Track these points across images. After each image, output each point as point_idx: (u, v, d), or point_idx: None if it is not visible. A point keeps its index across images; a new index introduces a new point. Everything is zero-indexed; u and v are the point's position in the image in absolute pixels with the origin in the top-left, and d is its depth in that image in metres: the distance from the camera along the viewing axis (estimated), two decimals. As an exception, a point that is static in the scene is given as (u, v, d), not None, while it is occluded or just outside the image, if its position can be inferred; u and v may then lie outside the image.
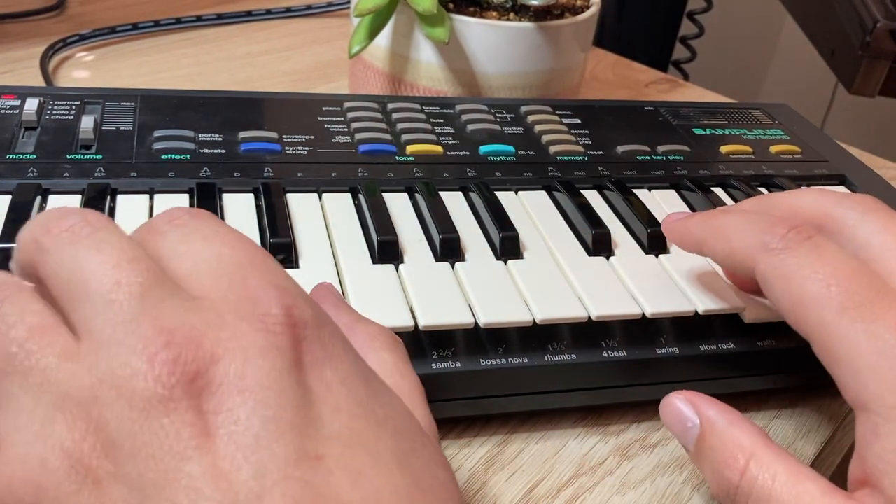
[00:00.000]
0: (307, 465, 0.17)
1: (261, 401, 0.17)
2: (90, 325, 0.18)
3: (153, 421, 0.17)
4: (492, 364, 0.29)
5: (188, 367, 0.17)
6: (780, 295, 0.25)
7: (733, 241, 0.28)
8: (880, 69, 0.51)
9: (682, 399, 0.27)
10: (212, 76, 0.57)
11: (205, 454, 0.17)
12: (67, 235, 0.20)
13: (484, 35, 0.47)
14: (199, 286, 0.20)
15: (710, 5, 0.83)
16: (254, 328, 0.18)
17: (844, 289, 0.24)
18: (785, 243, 0.26)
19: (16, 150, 0.35)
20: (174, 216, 0.21)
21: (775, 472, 0.23)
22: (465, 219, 0.35)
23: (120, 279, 0.19)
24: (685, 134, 0.45)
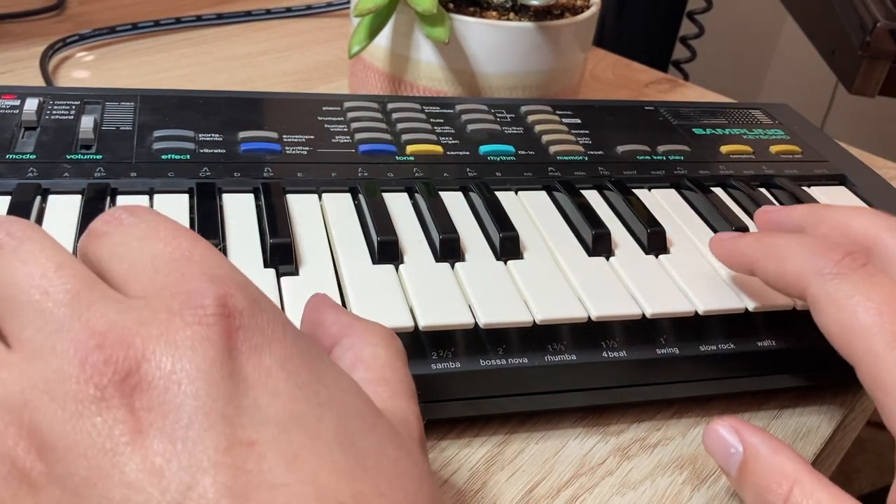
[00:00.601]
0: (238, 452, 0.17)
1: (190, 393, 0.17)
2: (21, 335, 0.18)
3: (85, 421, 0.17)
4: (492, 364, 0.29)
5: (119, 367, 0.17)
6: (830, 320, 0.26)
7: (786, 262, 0.28)
8: (880, 69, 0.51)
9: (725, 426, 0.27)
10: (212, 76, 0.57)
11: (137, 450, 0.17)
12: None
13: (484, 35, 0.47)
14: (137, 286, 0.20)
15: (710, 5, 0.83)
16: (185, 322, 0.18)
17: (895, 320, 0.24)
18: (839, 269, 0.26)
19: (16, 150, 0.35)
20: (111, 217, 0.21)
21: (819, 499, 0.24)
22: (465, 219, 0.35)
23: (47, 288, 0.19)
24: (685, 134, 0.45)
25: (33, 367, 0.18)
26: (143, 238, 0.21)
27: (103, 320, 0.18)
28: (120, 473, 0.16)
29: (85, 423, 0.17)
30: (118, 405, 0.17)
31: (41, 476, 0.17)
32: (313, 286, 0.29)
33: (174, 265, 0.20)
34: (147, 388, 0.17)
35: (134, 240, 0.21)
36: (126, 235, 0.21)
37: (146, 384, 0.17)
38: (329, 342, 0.24)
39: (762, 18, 1.45)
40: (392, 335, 0.25)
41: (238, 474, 0.17)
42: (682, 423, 0.33)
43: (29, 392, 0.17)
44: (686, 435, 0.32)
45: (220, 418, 0.17)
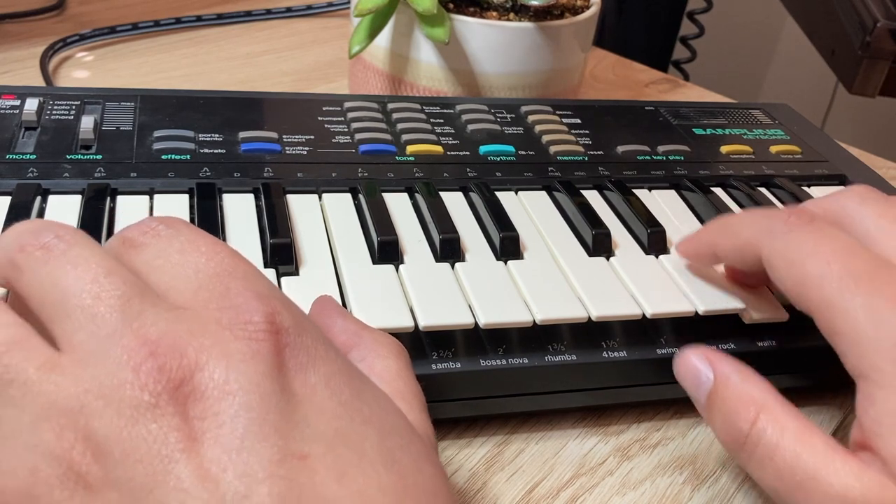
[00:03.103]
0: (291, 465, 0.17)
1: (244, 404, 0.18)
2: (72, 338, 0.19)
3: (141, 427, 0.17)
4: (492, 364, 0.29)
5: (173, 375, 0.18)
6: (784, 275, 0.27)
7: (741, 233, 0.29)
8: (880, 69, 0.51)
9: (697, 355, 0.28)
10: (212, 76, 0.57)
11: (192, 457, 0.17)
12: (41, 253, 0.20)
13: (484, 35, 0.47)
14: (179, 298, 0.20)
15: (710, 5, 0.83)
16: (236, 336, 0.19)
17: (844, 265, 0.25)
18: (788, 226, 0.27)
19: (16, 150, 0.35)
20: (148, 227, 0.22)
21: (784, 426, 0.25)
22: (465, 219, 0.35)
23: (99, 293, 0.19)
24: (685, 134, 0.45)
25: (87, 372, 0.18)
26: (184, 251, 0.21)
27: (155, 328, 0.18)
28: (176, 479, 0.17)
29: (140, 430, 0.17)
30: (172, 413, 0.17)
31: (97, 479, 0.17)
32: (313, 286, 0.29)
33: (218, 280, 0.20)
34: (201, 398, 0.18)
35: (175, 252, 0.21)
36: (166, 248, 0.21)
37: (200, 393, 0.18)
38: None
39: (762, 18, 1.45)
40: (400, 346, 0.25)
41: (292, 486, 0.17)
42: (682, 423, 0.33)
43: (84, 396, 0.18)
44: (686, 435, 0.32)
45: (273, 431, 0.18)
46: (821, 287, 0.25)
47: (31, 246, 0.20)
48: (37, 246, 0.20)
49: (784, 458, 0.24)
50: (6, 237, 0.21)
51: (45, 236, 0.20)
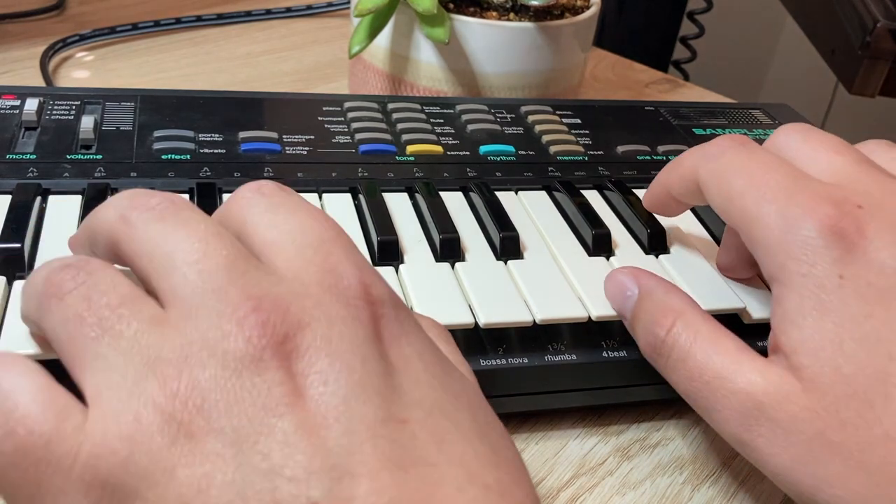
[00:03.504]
0: (394, 427, 0.18)
1: (347, 365, 0.18)
2: (178, 292, 0.19)
3: (245, 380, 0.18)
4: (492, 364, 0.29)
5: (277, 330, 0.18)
6: (714, 194, 0.28)
7: (682, 163, 0.30)
8: (880, 69, 0.51)
9: (624, 272, 0.30)
10: (212, 76, 0.57)
11: (297, 411, 0.17)
12: (152, 213, 0.21)
13: (484, 35, 0.47)
14: (283, 255, 0.21)
15: (710, 5, 0.83)
16: (337, 300, 0.19)
17: (765, 179, 0.26)
18: (721, 149, 0.28)
19: (16, 150, 0.35)
20: (261, 186, 0.23)
21: (698, 330, 0.26)
22: (465, 219, 0.35)
23: (206, 250, 0.20)
24: (685, 134, 0.45)
25: (191, 325, 0.18)
26: (294, 212, 0.22)
27: (257, 287, 0.19)
28: (282, 433, 0.17)
29: (245, 382, 0.18)
30: (276, 367, 0.18)
31: (200, 429, 0.17)
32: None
33: (322, 244, 0.21)
34: (304, 354, 0.18)
35: (285, 211, 0.22)
36: (276, 206, 0.22)
37: (303, 350, 0.18)
38: None
39: (762, 18, 1.45)
40: (444, 329, 0.26)
41: (395, 447, 0.18)
42: (682, 423, 0.33)
43: (188, 348, 0.18)
44: (686, 435, 0.32)
45: (375, 393, 0.18)
46: (743, 199, 0.26)
47: (143, 206, 0.21)
48: (148, 206, 0.21)
49: (696, 359, 0.26)
50: (118, 198, 0.22)
51: (156, 199, 0.21)
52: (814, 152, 0.28)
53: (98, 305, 0.19)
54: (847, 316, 0.23)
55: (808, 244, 0.24)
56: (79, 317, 0.19)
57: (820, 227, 0.24)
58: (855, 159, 0.27)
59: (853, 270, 0.24)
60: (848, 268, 0.24)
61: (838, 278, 0.24)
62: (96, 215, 0.22)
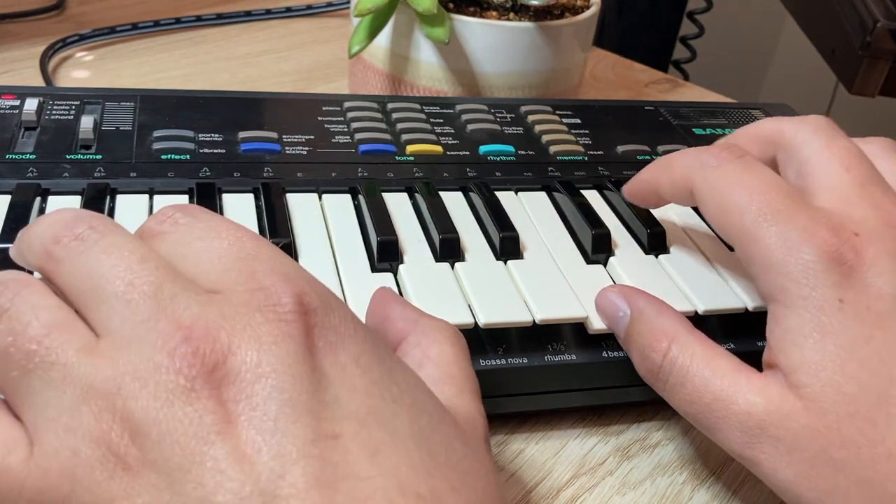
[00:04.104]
0: (324, 444, 0.18)
1: (276, 386, 0.18)
2: (108, 324, 0.19)
3: (177, 410, 0.18)
4: (492, 364, 0.29)
5: (207, 359, 0.18)
6: (710, 205, 0.28)
7: (675, 168, 0.30)
8: (880, 69, 0.50)
9: (614, 292, 0.30)
10: (212, 76, 0.57)
11: (227, 438, 0.17)
12: (76, 244, 0.20)
13: (484, 35, 0.47)
14: (207, 282, 0.20)
15: (710, 5, 0.83)
16: (266, 318, 0.19)
17: (764, 198, 0.26)
18: (718, 160, 0.28)
19: (15, 150, 0.35)
20: (165, 216, 0.22)
21: (693, 352, 0.27)
22: (465, 219, 0.35)
23: (132, 279, 0.19)
24: (685, 134, 0.45)
25: (123, 356, 0.18)
26: (205, 237, 0.21)
27: (188, 312, 0.19)
28: (213, 460, 0.17)
29: (177, 412, 0.18)
30: (207, 396, 0.18)
31: (136, 460, 0.17)
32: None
33: (242, 263, 0.21)
34: (234, 381, 0.18)
35: (195, 239, 0.21)
36: (186, 235, 0.21)
37: (233, 376, 0.18)
38: (395, 337, 0.25)
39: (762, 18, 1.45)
40: (457, 332, 0.25)
41: (325, 465, 0.17)
42: (682, 423, 0.33)
43: (121, 379, 0.18)
44: (686, 435, 0.32)
45: (305, 411, 0.18)
46: (742, 217, 0.26)
47: (66, 237, 0.21)
48: (71, 237, 0.21)
49: (694, 383, 0.26)
50: (40, 228, 0.21)
51: (79, 227, 0.21)
52: (827, 164, 0.28)
53: (24, 338, 0.19)
54: (848, 338, 0.24)
55: (809, 268, 0.25)
56: (5, 353, 0.19)
57: (819, 252, 0.25)
58: (861, 180, 0.27)
59: (852, 295, 0.24)
60: (847, 292, 0.24)
61: (838, 302, 0.24)
62: (25, 242, 0.22)
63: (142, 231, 0.22)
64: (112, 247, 0.20)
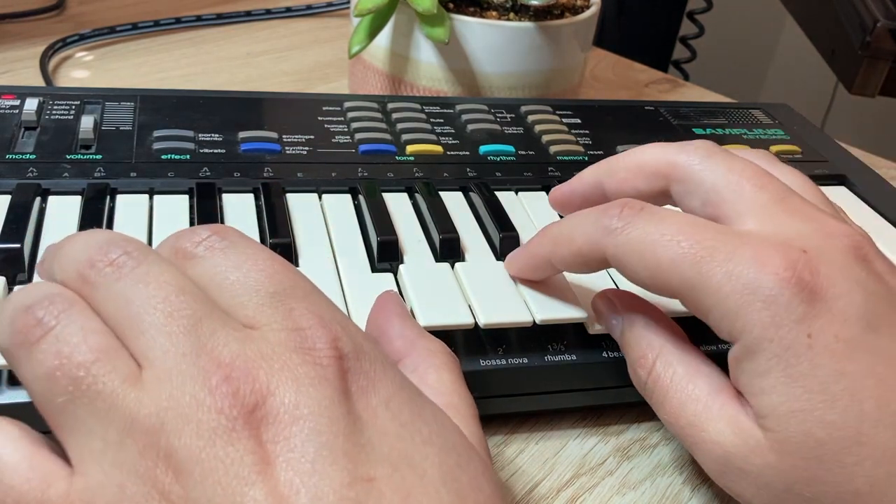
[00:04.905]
0: (360, 488, 0.18)
1: (314, 428, 0.18)
2: (149, 354, 0.19)
3: (218, 449, 0.18)
4: (492, 364, 0.29)
5: (247, 400, 0.18)
6: (637, 269, 0.25)
7: (576, 239, 0.27)
8: (880, 69, 0.51)
9: (604, 299, 0.29)
10: (212, 76, 0.57)
11: (266, 480, 0.18)
12: (112, 270, 0.20)
13: (484, 35, 0.47)
14: (243, 316, 0.20)
15: (710, 5, 0.83)
16: (303, 360, 0.19)
17: (694, 241, 0.24)
18: (622, 220, 0.26)
19: (15, 150, 0.35)
20: (200, 238, 0.22)
21: (675, 371, 0.26)
22: (465, 219, 0.35)
23: (172, 311, 0.19)
24: (685, 134, 0.45)
25: (166, 390, 0.18)
26: (241, 266, 0.21)
27: (227, 350, 0.19)
28: (253, 501, 0.17)
29: (218, 451, 0.18)
30: (248, 436, 0.18)
31: (179, 498, 0.18)
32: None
33: (280, 300, 0.21)
34: (273, 421, 0.18)
35: (232, 268, 0.21)
36: (222, 262, 0.21)
37: (272, 417, 0.18)
38: (391, 356, 0.24)
39: (762, 18, 1.45)
40: (453, 356, 0.25)
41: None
42: (682, 423, 0.33)
43: (164, 414, 0.18)
44: (686, 435, 0.32)
45: (342, 454, 0.18)
46: (678, 269, 0.24)
47: (100, 262, 0.20)
48: (106, 262, 0.20)
49: (672, 404, 0.26)
50: (73, 249, 0.21)
51: (114, 252, 0.21)
52: (738, 187, 0.26)
53: (71, 364, 0.19)
54: (818, 380, 0.23)
55: (771, 303, 0.23)
56: (51, 377, 0.19)
57: (777, 281, 0.23)
58: (779, 195, 0.26)
59: (819, 325, 0.23)
60: (814, 323, 0.23)
61: (806, 338, 0.23)
62: (56, 262, 0.21)
63: (175, 251, 0.22)
64: (149, 275, 0.20)
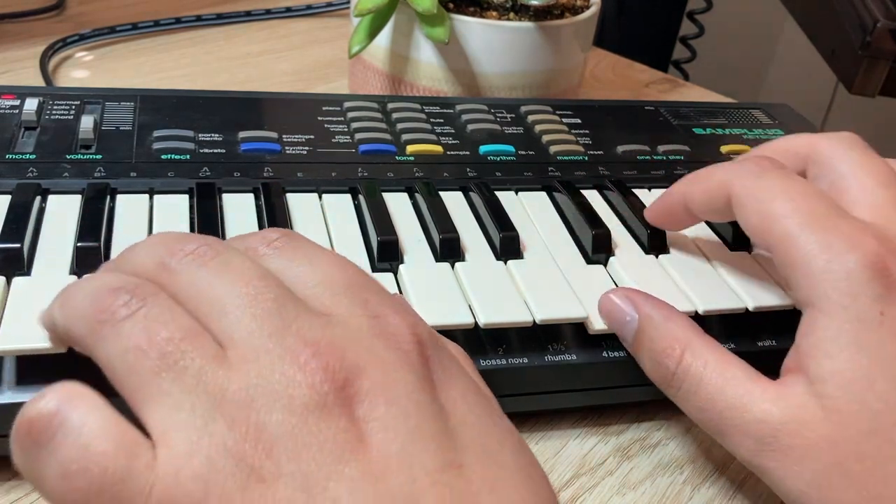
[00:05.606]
0: (451, 473, 0.18)
1: (404, 410, 0.19)
2: (233, 335, 0.19)
3: (311, 426, 0.18)
4: (492, 364, 0.29)
5: (337, 375, 0.18)
6: (751, 211, 0.28)
7: (712, 177, 0.30)
8: (880, 69, 0.50)
9: (620, 296, 0.29)
10: (212, 76, 0.57)
11: (361, 458, 0.18)
12: (192, 258, 0.21)
13: (484, 35, 0.47)
14: (319, 305, 0.21)
15: (710, 5, 0.83)
16: (386, 345, 0.20)
17: (807, 207, 0.26)
18: (761, 169, 0.28)
19: (15, 150, 0.35)
20: (269, 238, 0.22)
21: (706, 360, 0.27)
22: (465, 219, 0.35)
23: (256, 294, 0.20)
24: (685, 134, 0.45)
25: (253, 368, 0.18)
26: (312, 263, 0.22)
27: (311, 331, 0.19)
28: (349, 479, 0.17)
29: (311, 427, 0.18)
30: (339, 413, 0.18)
31: (270, 474, 0.17)
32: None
33: (353, 292, 0.21)
34: (364, 399, 0.18)
35: (304, 264, 0.22)
36: (293, 259, 0.22)
37: (363, 394, 0.18)
38: None
39: (762, 18, 1.45)
40: (468, 358, 0.26)
41: (452, 494, 0.18)
42: (682, 422, 0.33)
43: (253, 391, 0.18)
44: (686, 435, 0.32)
45: (431, 438, 0.18)
46: (784, 222, 0.26)
47: (181, 251, 0.21)
48: (187, 252, 0.21)
49: (708, 390, 0.26)
50: (152, 245, 0.22)
51: (191, 244, 0.21)
52: (864, 180, 0.28)
53: (160, 338, 0.19)
54: (883, 354, 0.24)
55: (852, 276, 0.25)
56: (139, 349, 0.19)
57: (864, 261, 0.25)
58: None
59: (893, 310, 0.24)
60: (889, 306, 0.24)
61: (879, 315, 0.24)
62: (128, 260, 0.22)
63: (246, 249, 0.22)
64: (230, 262, 0.21)
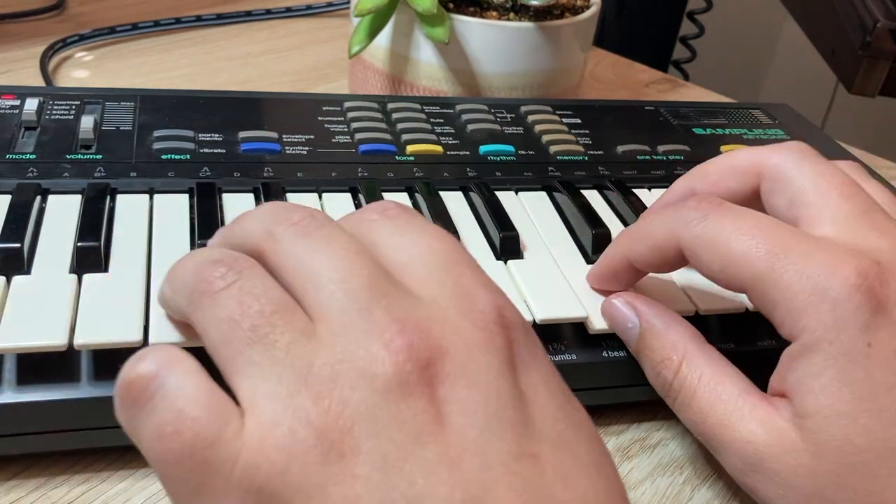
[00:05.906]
0: (526, 463, 0.18)
1: (484, 396, 0.18)
2: (324, 309, 0.20)
3: (392, 404, 0.18)
4: (492, 364, 0.29)
5: (421, 355, 0.18)
6: (709, 259, 0.26)
7: (654, 233, 0.28)
8: (880, 69, 0.50)
9: (622, 301, 0.29)
10: (212, 76, 0.57)
11: (438, 441, 0.18)
12: (297, 229, 0.21)
13: (484, 35, 0.47)
14: (414, 278, 0.21)
15: (710, 5, 0.83)
16: (473, 325, 0.20)
17: (769, 238, 0.25)
18: (701, 212, 0.27)
19: (16, 150, 0.35)
20: (385, 207, 0.23)
21: (702, 374, 0.27)
22: (465, 219, 0.35)
23: (351, 269, 0.20)
24: (685, 134, 0.45)
25: (340, 343, 0.19)
26: (418, 232, 0.22)
27: (399, 309, 0.19)
28: (426, 461, 0.17)
29: (392, 407, 0.18)
30: (420, 393, 0.18)
31: (350, 450, 0.18)
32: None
33: (452, 265, 0.21)
34: (445, 380, 0.18)
35: (409, 231, 0.22)
36: (402, 227, 0.22)
37: (444, 375, 0.18)
38: None
39: (762, 18, 1.45)
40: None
41: (527, 485, 0.18)
42: (682, 423, 0.32)
43: (339, 366, 0.18)
44: (686, 435, 0.32)
45: (509, 426, 0.18)
46: (750, 263, 0.25)
47: (287, 221, 0.21)
48: (292, 221, 0.21)
49: (699, 405, 0.26)
50: (262, 212, 0.22)
51: (298, 214, 0.22)
52: (825, 194, 0.27)
53: (252, 311, 0.19)
54: (868, 388, 0.23)
55: (837, 307, 0.24)
56: (232, 320, 0.19)
57: (847, 287, 0.24)
58: (862, 208, 0.26)
59: (882, 337, 0.23)
60: (877, 334, 0.23)
61: (866, 346, 0.23)
62: (239, 226, 0.23)
63: (360, 215, 0.23)
64: (331, 236, 0.21)
